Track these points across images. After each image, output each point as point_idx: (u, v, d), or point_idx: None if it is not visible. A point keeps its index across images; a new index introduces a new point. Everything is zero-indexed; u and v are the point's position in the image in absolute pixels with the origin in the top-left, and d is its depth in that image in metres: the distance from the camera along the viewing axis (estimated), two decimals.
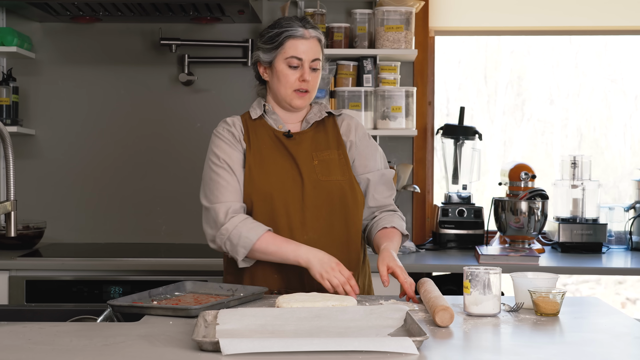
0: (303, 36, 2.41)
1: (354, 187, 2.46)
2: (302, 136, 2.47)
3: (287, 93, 2.43)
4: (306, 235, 2.38)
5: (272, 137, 2.46)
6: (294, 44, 2.40)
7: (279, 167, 2.42)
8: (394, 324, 1.89)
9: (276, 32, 2.43)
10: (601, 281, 4.69)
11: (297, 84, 2.42)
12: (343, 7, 3.93)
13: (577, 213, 3.83)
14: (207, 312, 1.91)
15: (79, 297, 3.29)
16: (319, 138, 2.49)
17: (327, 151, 2.47)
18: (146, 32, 3.96)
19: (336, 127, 2.53)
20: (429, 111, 4.03)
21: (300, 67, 2.41)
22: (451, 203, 3.88)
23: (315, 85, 2.46)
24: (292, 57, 2.40)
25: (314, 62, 2.43)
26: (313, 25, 2.45)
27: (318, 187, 2.40)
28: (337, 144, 2.50)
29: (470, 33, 4.13)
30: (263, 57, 2.46)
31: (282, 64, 2.42)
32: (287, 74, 2.42)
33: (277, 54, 2.42)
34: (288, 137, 2.46)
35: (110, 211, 3.98)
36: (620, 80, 4.28)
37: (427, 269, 3.40)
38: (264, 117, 2.49)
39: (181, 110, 3.97)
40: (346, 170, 2.46)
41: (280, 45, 2.41)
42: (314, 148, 2.46)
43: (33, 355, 1.65)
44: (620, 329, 1.95)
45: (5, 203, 2.16)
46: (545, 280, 2.16)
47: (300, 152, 2.44)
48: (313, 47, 2.42)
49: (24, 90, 3.95)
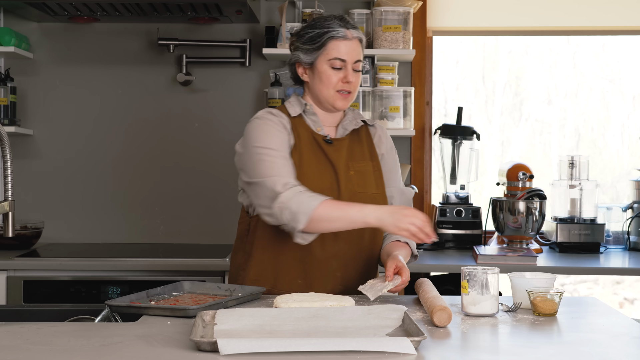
0: (345, 37, 2.37)
1: (385, 201, 2.46)
2: (340, 143, 2.44)
3: (329, 94, 2.39)
4: (337, 246, 2.37)
5: (311, 140, 2.41)
6: (337, 45, 2.37)
7: (319, 172, 2.38)
8: (392, 324, 1.89)
9: (317, 33, 2.38)
10: (599, 281, 4.69)
11: (340, 85, 2.38)
12: (341, 7, 3.93)
13: (575, 213, 3.83)
14: (205, 312, 1.90)
15: (77, 297, 3.28)
16: (354, 147, 2.46)
17: (363, 162, 2.45)
18: (144, 32, 3.96)
19: (369, 137, 2.52)
20: (427, 111, 4.03)
21: (343, 68, 2.38)
22: (449, 203, 3.88)
23: (357, 87, 2.42)
24: (335, 59, 2.37)
25: (357, 64, 2.40)
26: (353, 25, 2.42)
27: (354, 198, 2.36)
28: (371, 155, 2.48)
29: (468, 33, 4.13)
30: (303, 57, 2.41)
31: (325, 65, 2.38)
32: (330, 75, 2.38)
33: (319, 54, 2.38)
34: (328, 142, 2.42)
35: (108, 211, 3.98)
36: (618, 80, 4.28)
37: (425, 269, 3.40)
38: (302, 117, 2.44)
39: (179, 110, 3.97)
40: (380, 184, 2.45)
41: (323, 47, 2.37)
42: (349, 157, 2.43)
43: (31, 356, 1.65)
44: (618, 329, 1.95)
45: (3, 203, 2.16)
46: (543, 280, 2.17)
47: (339, 160, 2.41)
48: (355, 47, 2.39)
49: (21, 90, 3.95)
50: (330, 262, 2.38)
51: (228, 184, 3.95)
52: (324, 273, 2.38)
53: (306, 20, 3.74)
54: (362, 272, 2.40)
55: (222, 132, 3.96)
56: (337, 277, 2.39)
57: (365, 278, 2.37)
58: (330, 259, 2.38)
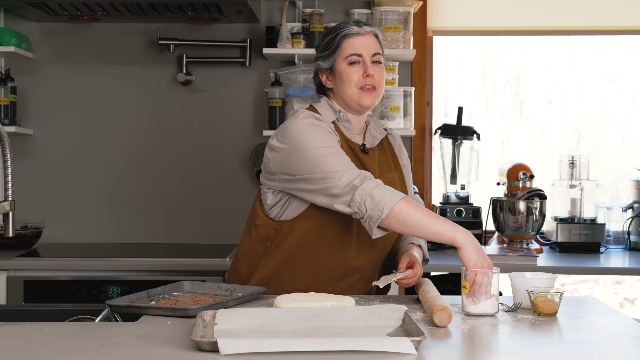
0: (358, 33, 2.35)
1: None
2: (373, 153, 2.41)
3: (353, 92, 2.34)
4: (372, 257, 2.38)
5: (347, 147, 2.36)
6: (351, 41, 2.34)
7: None
8: (392, 323, 1.89)
9: (331, 37, 2.36)
10: (599, 281, 4.69)
11: (362, 80, 2.33)
12: (341, 7, 3.93)
13: (575, 213, 3.83)
14: (205, 312, 1.90)
15: (77, 297, 3.28)
16: (382, 157, 2.44)
17: (391, 173, 2.44)
18: (144, 32, 3.96)
19: (391, 147, 2.52)
20: (427, 111, 4.03)
21: (362, 63, 2.34)
22: (449, 203, 3.88)
23: (381, 81, 2.36)
24: (352, 55, 2.33)
25: (376, 56, 2.35)
26: (367, 23, 2.40)
27: None
28: (396, 165, 2.48)
29: (469, 33, 4.13)
30: (323, 64, 2.38)
31: (343, 63, 2.34)
32: (350, 72, 2.33)
33: (336, 56, 2.35)
34: (364, 152, 2.38)
35: (109, 211, 3.97)
36: (618, 80, 4.28)
37: (426, 268, 3.39)
38: (336, 123, 2.38)
39: (179, 110, 3.97)
40: (405, 194, 2.43)
41: (338, 47, 2.35)
42: (380, 168, 2.41)
43: (31, 355, 1.65)
44: (619, 329, 1.95)
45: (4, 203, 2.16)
46: (544, 280, 2.16)
47: (374, 169, 2.37)
48: (371, 42, 2.35)
49: (22, 90, 3.95)
50: (364, 271, 2.40)
51: (228, 184, 3.96)
52: (355, 280, 2.39)
53: (306, 20, 3.74)
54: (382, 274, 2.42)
55: (223, 132, 3.96)
56: (362, 283, 2.41)
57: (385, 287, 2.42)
58: (364, 267, 2.39)
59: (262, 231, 2.40)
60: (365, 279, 2.41)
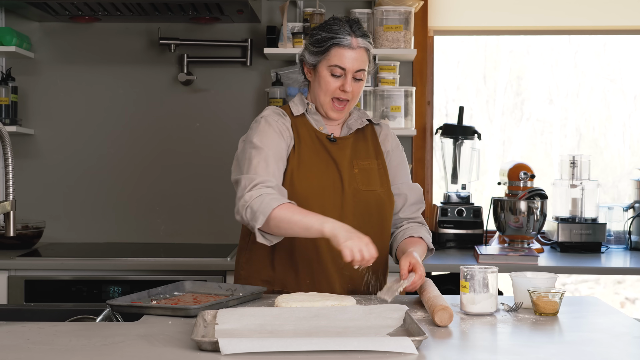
0: (350, 46, 2.34)
1: (391, 198, 2.45)
2: (344, 142, 2.44)
3: (325, 100, 2.38)
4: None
5: (314, 138, 2.42)
6: (340, 52, 2.34)
7: (320, 171, 2.38)
8: (393, 323, 1.90)
9: (324, 37, 2.36)
10: (600, 281, 4.69)
11: (337, 92, 2.37)
12: (342, 6, 3.93)
13: (576, 213, 3.83)
14: (206, 312, 1.91)
15: (78, 296, 3.29)
16: (359, 146, 2.46)
17: (367, 160, 2.45)
18: (145, 31, 3.96)
19: (375, 135, 2.52)
20: (428, 111, 4.03)
21: (342, 76, 2.36)
22: (450, 203, 3.88)
23: (356, 95, 2.40)
24: (336, 66, 2.35)
25: (358, 73, 2.37)
26: (363, 33, 2.37)
27: (357, 196, 2.38)
28: (377, 153, 2.48)
29: (470, 33, 4.13)
30: (308, 58, 2.40)
31: (325, 70, 2.36)
32: (329, 82, 2.36)
33: (322, 59, 2.37)
34: (331, 141, 2.42)
35: (109, 211, 3.98)
36: (619, 79, 4.28)
37: (426, 268, 3.37)
38: (305, 116, 2.45)
39: (180, 109, 3.97)
40: (385, 181, 2.45)
41: (326, 52, 2.35)
42: (354, 155, 2.43)
43: (32, 355, 1.65)
44: (619, 329, 1.95)
45: (5, 203, 2.16)
46: (544, 280, 2.16)
47: (342, 158, 2.41)
48: (359, 57, 2.35)
49: (23, 90, 3.95)
50: (337, 260, 2.36)
51: (229, 183, 3.94)
52: (332, 271, 2.38)
53: (307, 19, 3.74)
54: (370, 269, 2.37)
55: (224, 131, 3.96)
56: (345, 276, 2.39)
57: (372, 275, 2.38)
58: (337, 257, 2.36)
59: (244, 228, 2.48)
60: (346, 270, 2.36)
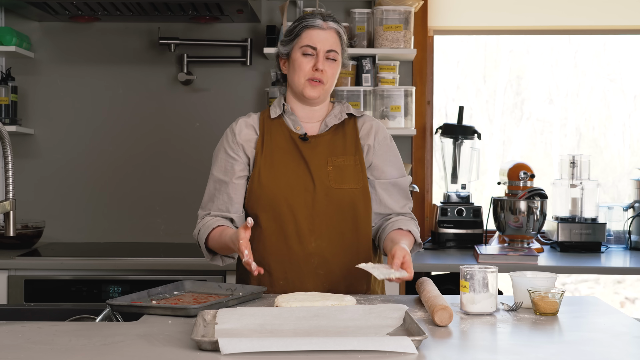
0: (320, 27, 2.40)
1: (367, 195, 2.42)
2: (318, 140, 2.43)
3: (300, 82, 2.40)
4: (314, 243, 2.36)
5: (288, 139, 2.43)
6: (310, 33, 2.40)
7: (290, 171, 2.39)
8: (393, 323, 1.89)
9: (294, 25, 2.44)
10: (600, 280, 4.69)
11: (311, 72, 2.39)
12: (342, 6, 3.93)
13: (576, 212, 3.83)
14: (206, 312, 1.90)
15: (78, 296, 3.29)
16: (337, 142, 2.44)
17: (343, 157, 2.43)
18: (145, 31, 3.96)
19: (356, 130, 2.48)
20: (428, 111, 4.03)
21: (314, 55, 2.39)
22: (450, 202, 3.88)
23: (331, 77, 2.41)
24: (307, 46, 2.39)
25: (330, 53, 2.39)
26: (334, 19, 2.45)
27: (330, 194, 2.37)
28: (355, 148, 2.45)
29: (469, 32, 4.13)
30: (282, 49, 2.45)
31: (298, 52, 2.40)
32: (302, 62, 2.39)
33: (294, 44, 2.41)
34: (303, 140, 2.42)
35: (109, 210, 3.98)
36: (619, 79, 4.28)
37: (426, 268, 3.40)
38: (282, 117, 2.46)
39: (180, 109, 3.97)
40: (361, 178, 2.41)
41: (297, 36, 2.41)
42: (329, 153, 2.42)
43: (32, 355, 1.65)
44: (619, 329, 1.95)
45: (4, 202, 2.16)
46: (544, 280, 2.16)
47: (314, 156, 2.41)
48: (329, 37, 2.40)
49: (22, 90, 3.95)
50: (311, 260, 2.37)
51: None
52: (305, 271, 2.37)
53: None
54: (346, 269, 2.36)
55: (223, 131, 3.94)
56: (319, 275, 2.37)
57: (350, 276, 2.36)
58: (310, 256, 2.36)
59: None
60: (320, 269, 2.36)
